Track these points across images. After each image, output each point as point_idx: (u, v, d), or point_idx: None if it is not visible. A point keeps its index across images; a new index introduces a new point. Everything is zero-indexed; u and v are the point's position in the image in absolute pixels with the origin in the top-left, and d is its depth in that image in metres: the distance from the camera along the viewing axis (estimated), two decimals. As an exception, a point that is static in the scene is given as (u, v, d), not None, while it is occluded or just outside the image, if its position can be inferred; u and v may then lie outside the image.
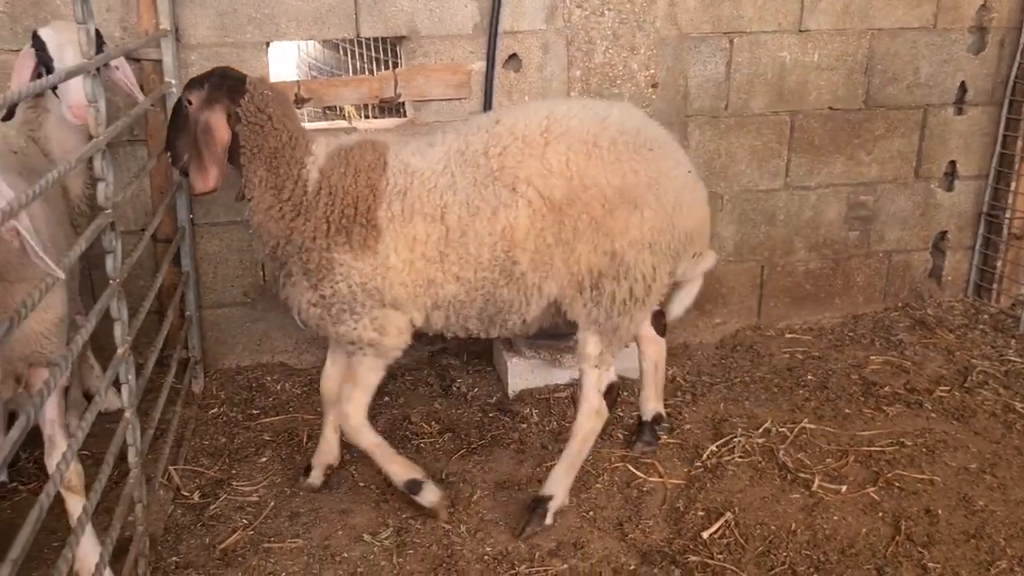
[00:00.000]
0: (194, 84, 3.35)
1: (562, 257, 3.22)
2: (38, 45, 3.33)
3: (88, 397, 4.19)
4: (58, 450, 2.86)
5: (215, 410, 4.37)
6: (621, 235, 3.19)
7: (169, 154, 3.50)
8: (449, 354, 4.91)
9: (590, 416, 3.43)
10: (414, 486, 3.47)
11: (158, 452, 3.74)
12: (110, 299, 2.74)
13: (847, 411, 4.34)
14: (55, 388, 2.18)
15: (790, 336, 5.19)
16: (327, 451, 3.77)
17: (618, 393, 3.68)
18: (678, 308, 3.60)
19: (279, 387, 4.59)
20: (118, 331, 2.81)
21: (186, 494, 3.67)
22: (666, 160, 3.28)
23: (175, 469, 3.78)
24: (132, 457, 2.94)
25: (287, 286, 3.41)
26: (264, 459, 3.96)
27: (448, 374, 4.72)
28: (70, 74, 2.51)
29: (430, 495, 3.47)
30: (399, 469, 3.48)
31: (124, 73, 3.67)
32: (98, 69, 2.65)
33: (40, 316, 2.74)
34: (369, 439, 3.47)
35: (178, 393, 4.21)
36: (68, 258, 2.29)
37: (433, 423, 4.26)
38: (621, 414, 4.28)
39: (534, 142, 3.19)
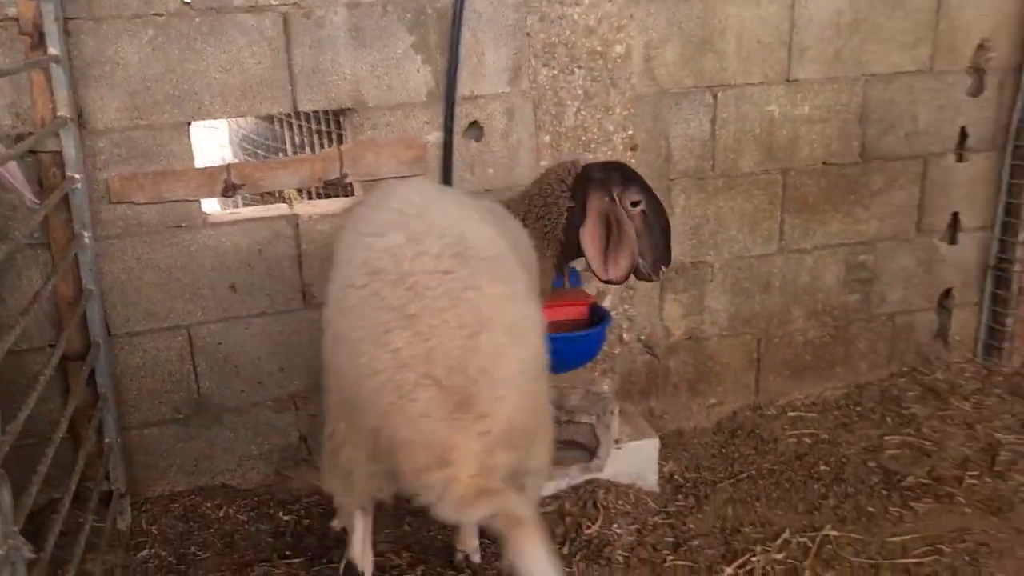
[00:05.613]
0: (611, 180, 3.34)
1: None
2: None
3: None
4: None
5: (145, 552, 3.71)
6: None
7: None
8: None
9: None
10: None
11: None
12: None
13: (870, 509, 3.83)
14: None
15: (793, 414, 4.69)
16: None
17: None
18: None
19: (221, 513, 3.94)
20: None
21: None
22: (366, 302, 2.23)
23: (93, 647, 3.14)
24: None
25: None
26: (203, 622, 3.33)
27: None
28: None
29: None
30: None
31: (11, 173, 3.06)
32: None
33: None
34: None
35: (100, 534, 3.56)
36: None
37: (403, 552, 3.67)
38: (621, 531, 3.73)
39: None
